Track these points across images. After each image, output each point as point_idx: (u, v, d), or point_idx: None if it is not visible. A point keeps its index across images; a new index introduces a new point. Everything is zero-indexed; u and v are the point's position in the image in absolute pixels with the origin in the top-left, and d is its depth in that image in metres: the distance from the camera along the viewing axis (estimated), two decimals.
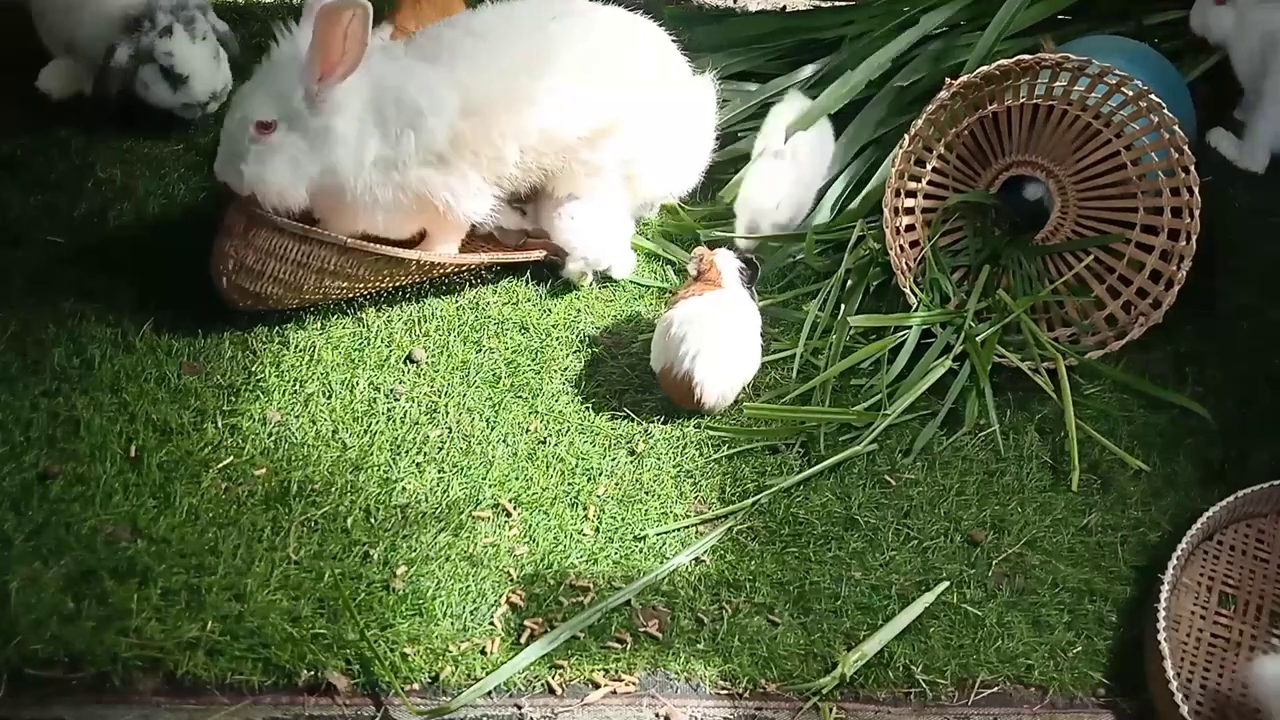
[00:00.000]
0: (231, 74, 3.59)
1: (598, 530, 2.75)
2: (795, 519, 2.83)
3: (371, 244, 3.10)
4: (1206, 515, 2.82)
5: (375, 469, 2.80)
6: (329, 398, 2.96)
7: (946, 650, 2.60)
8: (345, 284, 3.12)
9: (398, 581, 2.55)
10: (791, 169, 3.51)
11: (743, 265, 3.14)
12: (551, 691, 2.44)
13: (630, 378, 3.13)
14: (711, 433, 3.01)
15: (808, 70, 4.01)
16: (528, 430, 2.96)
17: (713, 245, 3.28)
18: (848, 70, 3.86)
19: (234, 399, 2.91)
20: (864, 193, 3.62)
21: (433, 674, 2.42)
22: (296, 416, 2.90)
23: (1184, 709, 2.43)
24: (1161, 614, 2.59)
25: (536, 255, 3.40)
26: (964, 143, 3.46)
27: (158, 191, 3.40)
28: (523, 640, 2.50)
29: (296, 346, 3.08)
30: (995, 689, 2.57)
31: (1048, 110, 3.36)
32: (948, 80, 3.27)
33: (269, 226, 2.99)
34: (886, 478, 2.96)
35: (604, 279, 3.42)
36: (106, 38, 3.42)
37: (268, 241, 2.99)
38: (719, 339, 2.97)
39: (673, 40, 3.55)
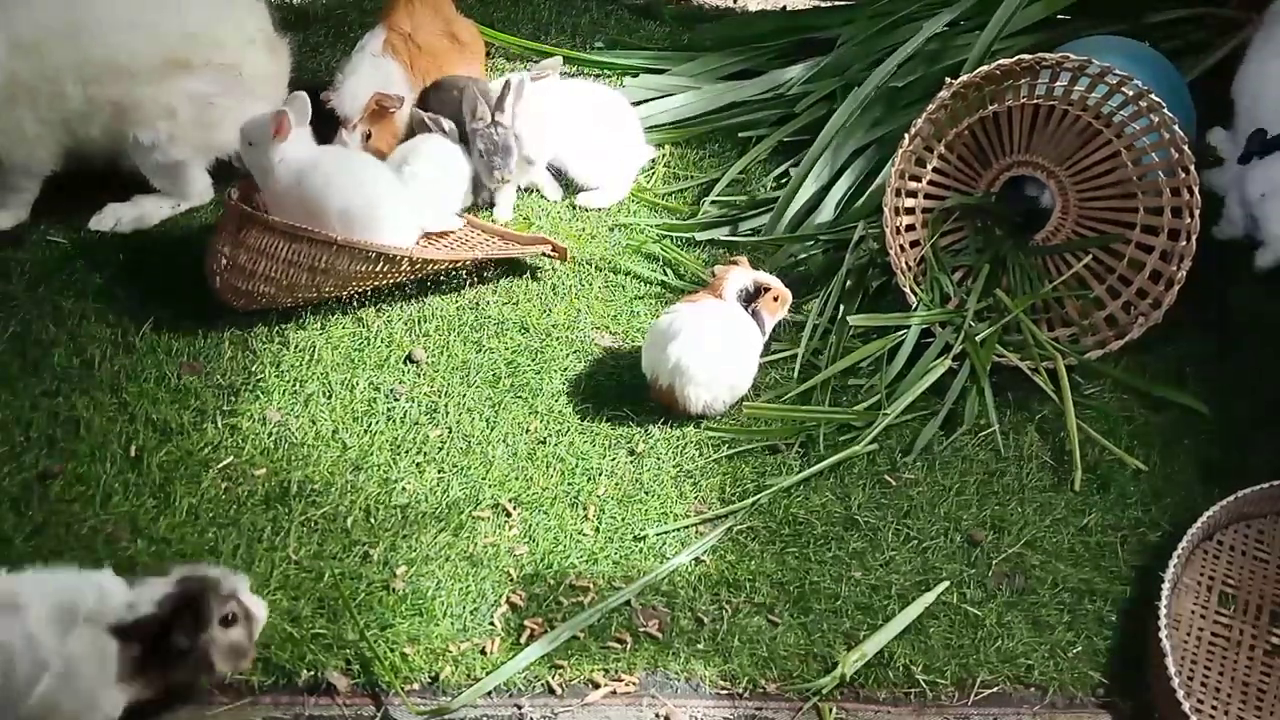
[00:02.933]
0: None
1: (598, 530, 2.75)
2: (795, 519, 2.83)
3: (362, 241, 3.10)
4: (1206, 515, 2.82)
5: (375, 469, 2.80)
6: (329, 398, 2.96)
7: (946, 650, 2.60)
8: (339, 281, 3.12)
9: (398, 581, 2.55)
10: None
11: (749, 287, 3.12)
12: (551, 691, 2.44)
13: (630, 378, 3.13)
14: (711, 433, 3.01)
15: (797, 70, 4.03)
16: (528, 430, 2.96)
17: (753, 263, 3.28)
18: (844, 71, 3.89)
19: (234, 399, 2.91)
20: (866, 193, 3.62)
21: (433, 674, 2.42)
22: (296, 416, 2.90)
23: (1185, 706, 2.43)
24: (1162, 613, 2.59)
25: (534, 250, 3.40)
26: (964, 143, 3.46)
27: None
28: (523, 640, 2.50)
29: (296, 346, 3.08)
30: (995, 689, 2.56)
31: (1048, 110, 3.36)
32: (948, 80, 3.27)
33: (260, 225, 3.00)
34: (886, 478, 2.96)
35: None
36: None
37: (259, 240, 2.99)
38: (702, 350, 2.95)
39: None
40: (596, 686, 2.46)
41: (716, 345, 2.98)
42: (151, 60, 3.16)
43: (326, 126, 3.51)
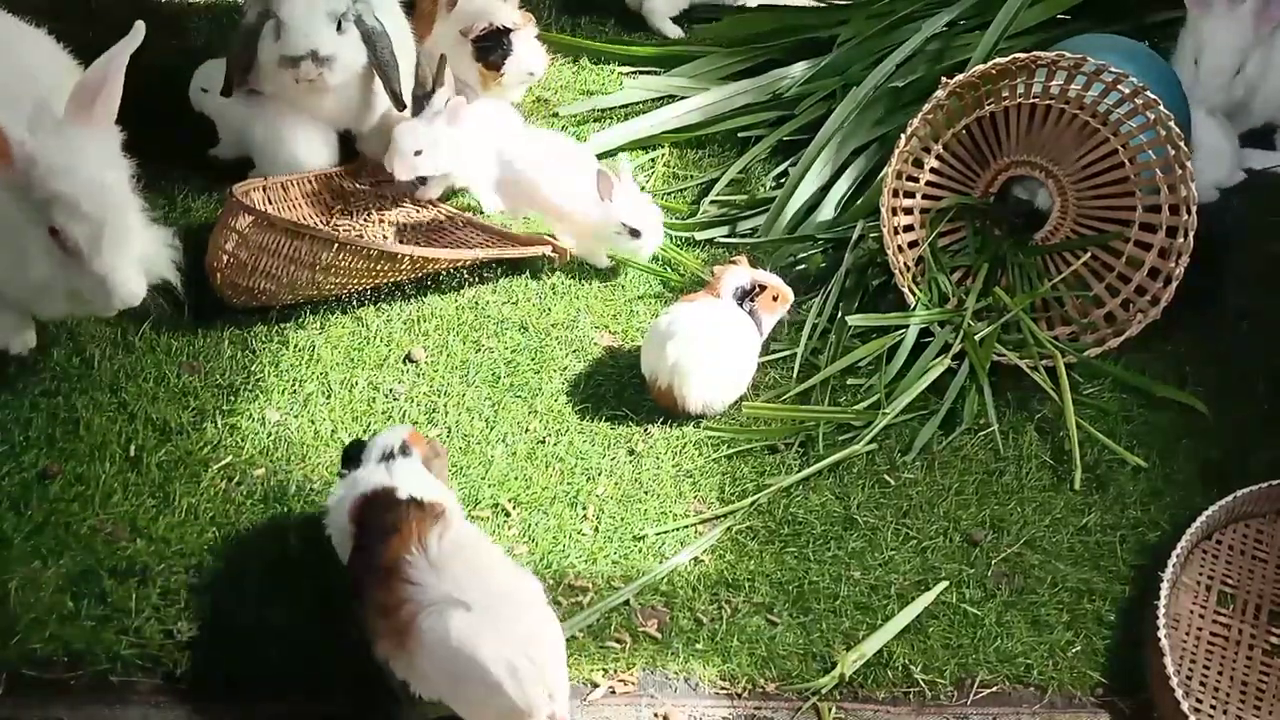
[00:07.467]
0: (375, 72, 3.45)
1: (597, 530, 2.75)
2: (794, 519, 2.84)
3: (363, 239, 3.10)
4: (1205, 515, 2.82)
5: None
6: (328, 397, 2.96)
7: (945, 650, 2.60)
8: (339, 279, 3.12)
9: None
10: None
11: (746, 286, 3.12)
12: None
13: (629, 377, 3.13)
14: (710, 432, 3.01)
15: (797, 69, 4.03)
16: (527, 430, 2.96)
17: (753, 263, 3.28)
18: (844, 71, 3.90)
19: (233, 399, 2.91)
20: (866, 193, 3.62)
21: None
22: (295, 416, 2.90)
23: (1184, 706, 2.43)
24: (1161, 612, 2.59)
25: (534, 251, 3.40)
26: (962, 143, 3.46)
27: (159, 191, 3.40)
28: None
29: (296, 346, 3.08)
30: (994, 688, 2.57)
31: (1045, 110, 3.36)
32: (944, 80, 3.27)
33: (261, 222, 3.00)
34: (885, 477, 2.96)
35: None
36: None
37: (260, 237, 2.99)
38: (701, 350, 2.96)
39: None
40: (595, 686, 2.46)
41: (715, 345, 2.98)
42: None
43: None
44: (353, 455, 2.47)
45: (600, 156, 3.85)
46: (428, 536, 2.20)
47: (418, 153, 3.41)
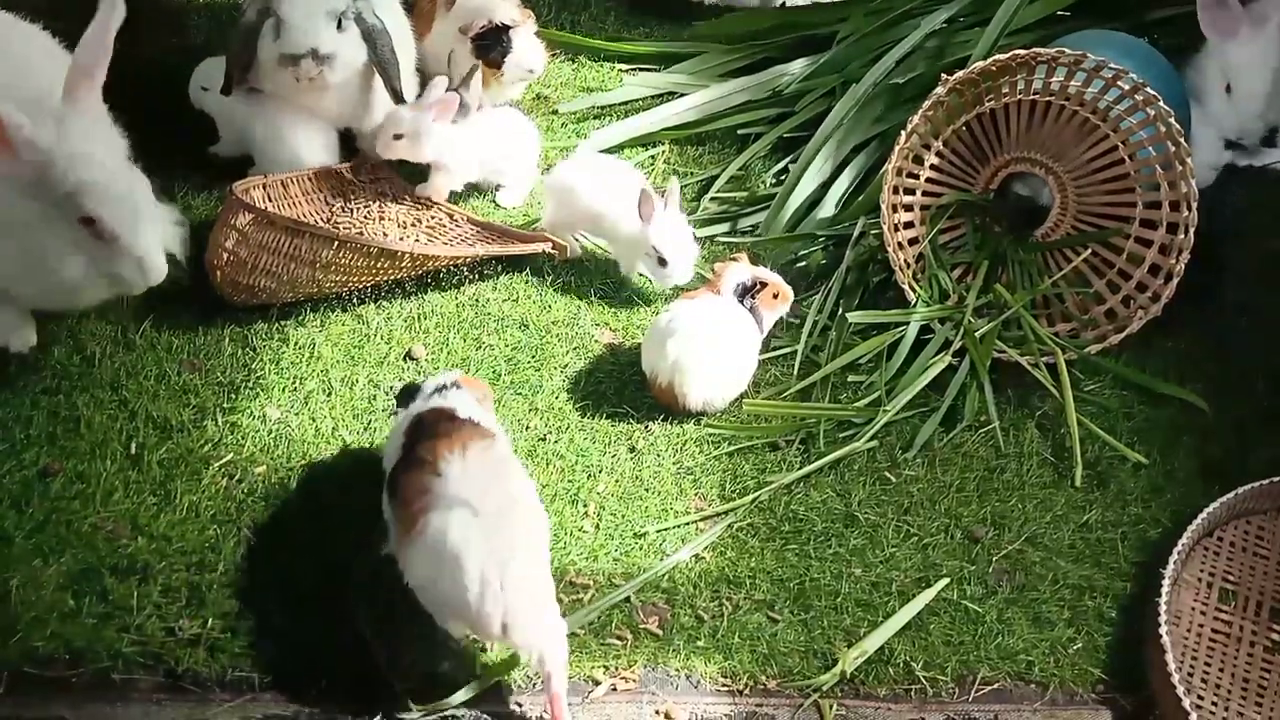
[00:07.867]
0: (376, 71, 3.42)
1: (598, 527, 2.75)
2: (795, 515, 2.84)
3: (363, 236, 3.10)
4: (1206, 511, 2.82)
5: (375, 466, 2.79)
6: (329, 395, 2.96)
7: (947, 647, 2.61)
8: (339, 277, 3.12)
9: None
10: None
11: (747, 283, 3.12)
12: None
13: (630, 374, 3.13)
14: (711, 429, 3.01)
15: (797, 66, 4.02)
16: (527, 427, 2.96)
17: (754, 260, 3.27)
18: (843, 68, 3.90)
19: (234, 396, 2.91)
20: (866, 190, 3.62)
21: (433, 671, 2.42)
22: (296, 414, 2.90)
23: (1185, 703, 2.43)
24: (1163, 609, 2.59)
25: (534, 248, 3.40)
26: (962, 140, 3.46)
27: (160, 188, 3.39)
28: None
29: (296, 344, 3.08)
30: (995, 685, 2.57)
31: (1045, 106, 3.36)
32: (944, 76, 3.27)
33: (261, 220, 3.00)
34: (886, 474, 2.96)
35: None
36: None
37: (260, 235, 2.99)
38: (701, 348, 2.95)
39: None
40: (597, 683, 2.46)
41: (715, 342, 2.98)
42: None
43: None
44: (408, 396, 2.63)
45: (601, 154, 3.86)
46: (472, 446, 2.36)
47: (398, 136, 3.43)
